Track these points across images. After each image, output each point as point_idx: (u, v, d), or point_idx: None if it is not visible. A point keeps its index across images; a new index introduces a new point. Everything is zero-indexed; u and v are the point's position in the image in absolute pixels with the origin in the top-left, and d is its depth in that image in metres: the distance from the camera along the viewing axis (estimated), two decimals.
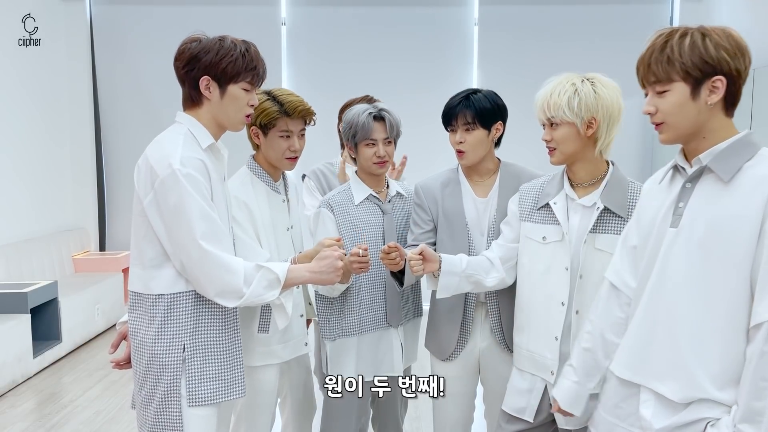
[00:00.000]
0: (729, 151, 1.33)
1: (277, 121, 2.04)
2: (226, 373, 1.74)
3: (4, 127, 4.84)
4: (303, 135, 2.13)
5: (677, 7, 5.79)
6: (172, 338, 1.67)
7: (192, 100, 1.72)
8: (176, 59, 1.71)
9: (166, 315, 1.66)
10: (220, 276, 1.62)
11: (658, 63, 1.37)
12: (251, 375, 2.12)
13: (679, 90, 1.35)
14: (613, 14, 5.81)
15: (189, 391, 1.67)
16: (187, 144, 1.66)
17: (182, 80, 1.72)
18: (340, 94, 5.72)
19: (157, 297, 1.67)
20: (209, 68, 1.67)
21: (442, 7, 5.83)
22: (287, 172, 2.29)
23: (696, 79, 1.32)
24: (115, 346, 1.88)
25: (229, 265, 1.63)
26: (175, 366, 1.67)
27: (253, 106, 1.78)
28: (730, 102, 1.35)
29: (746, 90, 4.60)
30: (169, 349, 1.67)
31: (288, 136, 2.07)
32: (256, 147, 2.14)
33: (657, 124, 1.40)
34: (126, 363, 1.84)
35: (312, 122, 2.15)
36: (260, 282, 1.67)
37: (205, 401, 1.69)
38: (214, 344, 1.72)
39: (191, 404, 1.67)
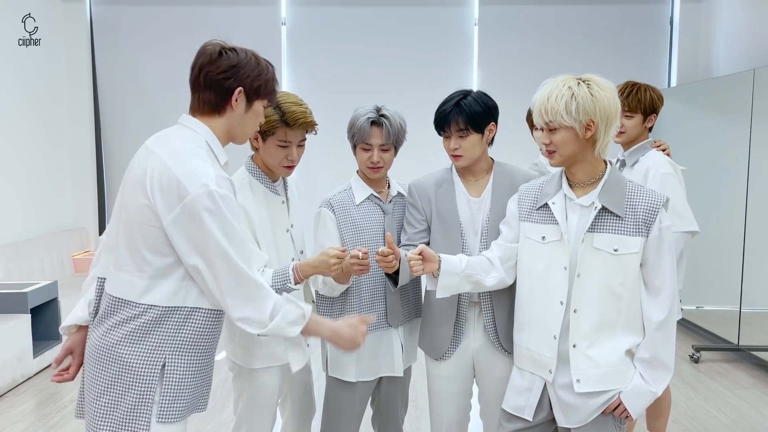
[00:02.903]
0: None
1: (277, 129, 2.01)
2: (197, 390, 1.67)
3: (3, 127, 4.84)
4: (302, 145, 2.10)
5: (677, 7, 5.79)
6: (153, 351, 1.58)
7: (213, 106, 1.66)
8: (210, 63, 1.63)
9: (151, 327, 1.58)
10: (252, 301, 1.58)
11: None
12: (252, 377, 2.12)
13: None
14: (613, 14, 5.81)
15: (161, 407, 1.59)
16: (213, 161, 1.62)
17: (209, 85, 1.64)
18: (340, 94, 5.79)
19: (147, 307, 1.58)
20: (246, 81, 1.64)
21: (442, 7, 5.83)
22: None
23: None
24: (60, 362, 1.74)
25: (263, 294, 1.60)
26: (151, 378, 1.58)
27: (261, 123, 1.82)
28: None
29: (746, 90, 4.61)
30: (146, 361, 1.58)
31: (286, 146, 2.04)
32: (255, 149, 2.14)
33: None
34: (69, 373, 1.74)
35: (314, 132, 2.12)
36: (285, 317, 1.62)
37: (175, 418, 1.61)
38: (194, 362, 1.64)
39: (161, 420, 1.59)
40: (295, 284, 1.98)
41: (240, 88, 1.64)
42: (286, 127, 2.01)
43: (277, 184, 2.17)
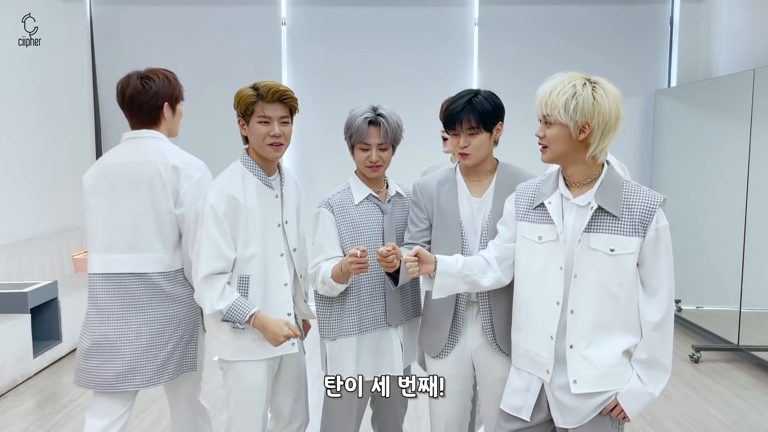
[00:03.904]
0: None
1: (254, 106, 2.06)
2: None
3: (4, 127, 4.84)
4: (286, 122, 2.11)
5: (677, 8, 5.79)
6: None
7: (150, 121, 2.28)
8: (138, 94, 2.23)
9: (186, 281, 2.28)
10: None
11: None
12: (238, 375, 2.13)
13: None
14: (613, 14, 5.81)
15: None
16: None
17: (142, 110, 2.26)
18: (340, 94, 5.79)
19: (181, 269, 2.27)
20: (166, 97, 2.28)
21: (442, 7, 5.83)
22: (287, 169, 2.29)
23: None
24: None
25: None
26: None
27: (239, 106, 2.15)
28: None
29: (746, 90, 4.61)
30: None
31: (267, 122, 2.07)
32: (246, 140, 2.17)
33: None
34: None
35: (295, 110, 2.14)
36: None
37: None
38: None
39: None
40: (243, 325, 2.06)
41: (165, 104, 2.27)
42: (262, 101, 2.06)
43: (272, 179, 2.17)
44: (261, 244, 2.10)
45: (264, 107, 2.06)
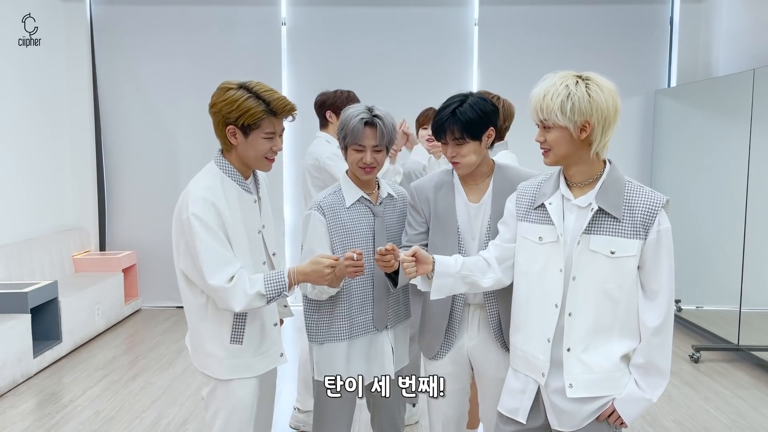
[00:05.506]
0: None
1: (263, 122, 1.89)
2: None
3: (4, 127, 4.84)
4: (282, 135, 1.99)
5: (677, 7, 5.79)
6: None
7: (323, 124, 3.36)
8: (315, 104, 3.30)
9: None
10: None
11: None
12: (228, 392, 1.99)
13: None
14: (613, 14, 5.81)
15: None
16: None
17: (318, 114, 3.28)
18: None
19: None
20: (330, 106, 3.37)
21: (442, 7, 5.83)
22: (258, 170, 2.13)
23: None
24: None
25: None
26: None
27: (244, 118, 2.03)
28: None
29: (746, 90, 4.59)
30: None
31: (272, 138, 1.93)
32: (228, 145, 1.96)
33: None
34: None
35: (292, 118, 2.01)
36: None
37: None
38: None
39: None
40: (288, 290, 1.92)
41: (328, 111, 3.27)
42: (273, 117, 1.90)
43: (249, 182, 2.03)
44: (247, 252, 1.97)
45: (274, 122, 1.91)
